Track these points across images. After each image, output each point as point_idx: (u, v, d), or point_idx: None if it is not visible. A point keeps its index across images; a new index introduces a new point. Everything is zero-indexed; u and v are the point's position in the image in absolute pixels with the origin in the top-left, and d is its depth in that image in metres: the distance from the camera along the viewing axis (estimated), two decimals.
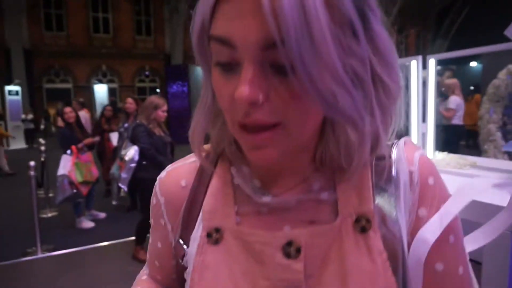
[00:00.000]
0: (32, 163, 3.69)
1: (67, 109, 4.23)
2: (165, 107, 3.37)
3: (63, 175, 3.81)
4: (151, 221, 0.58)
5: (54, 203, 4.46)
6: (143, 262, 3.41)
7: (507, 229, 0.49)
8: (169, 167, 0.57)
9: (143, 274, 0.64)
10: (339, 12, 0.34)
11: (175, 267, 0.54)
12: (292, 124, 0.37)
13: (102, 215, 4.74)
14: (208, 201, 0.50)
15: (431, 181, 0.45)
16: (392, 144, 0.48)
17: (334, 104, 0.35)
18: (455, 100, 3.75)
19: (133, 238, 3.49)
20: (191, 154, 0.55)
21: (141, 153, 3.26)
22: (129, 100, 4.59)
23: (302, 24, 0.32)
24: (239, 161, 0.49)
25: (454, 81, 3.85)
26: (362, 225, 0.43)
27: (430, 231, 0.42)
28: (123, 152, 3.36)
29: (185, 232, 0.51)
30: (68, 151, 3.95)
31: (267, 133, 0.38)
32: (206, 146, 0.51)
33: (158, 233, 0.57)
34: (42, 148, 4.49)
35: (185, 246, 0.50)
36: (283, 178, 0.47)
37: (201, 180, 0.52)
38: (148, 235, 3.58)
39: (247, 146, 0.40)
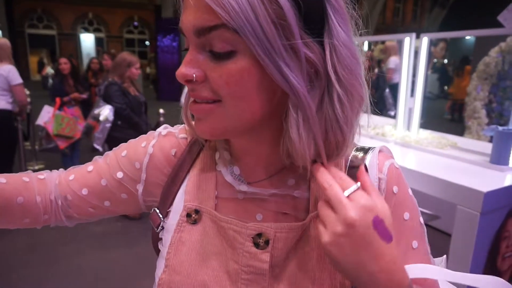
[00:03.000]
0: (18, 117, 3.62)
1: (62, 60, 4.11)
2: (138, 65, 3.26)
3: (38, 126, 3.72)
4: (126, 150, 0.57)
5: (40, 156, 4.44)
6: (132, 218, 3.47)
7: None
8: (170, 129, 0.58)
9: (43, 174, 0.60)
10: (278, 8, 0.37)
11: (108, 208, 0.57)
12: (228, 105, 0.42)
13: None
14: (190, 183, 0.53)
15: (395, 189, 0.50)
16: (368, 150, 0.51)
17: (283, 77, 0.39)
18: (394, 61, 4.03)
19: None
20: (183, 128, 0.58)
21: (116, 113, 3.14)
22: (105, 56, 4.44)
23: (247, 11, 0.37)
24: (222, 146, 0.53)
25: (393, 43, 4.13)
26: None
27: None
28: (96, 111, 3.19)
29: (163, 205, 0.54)
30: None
31: (206, 106, 0.43)
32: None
33: (128, 165, 0.56)
34: (28, 99, 4.36)
35: (162, 217, 0.54)
36: (258, 167, 0.50)
37: (187, 159, 0.55)
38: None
39: (195, 118, 0.46)
